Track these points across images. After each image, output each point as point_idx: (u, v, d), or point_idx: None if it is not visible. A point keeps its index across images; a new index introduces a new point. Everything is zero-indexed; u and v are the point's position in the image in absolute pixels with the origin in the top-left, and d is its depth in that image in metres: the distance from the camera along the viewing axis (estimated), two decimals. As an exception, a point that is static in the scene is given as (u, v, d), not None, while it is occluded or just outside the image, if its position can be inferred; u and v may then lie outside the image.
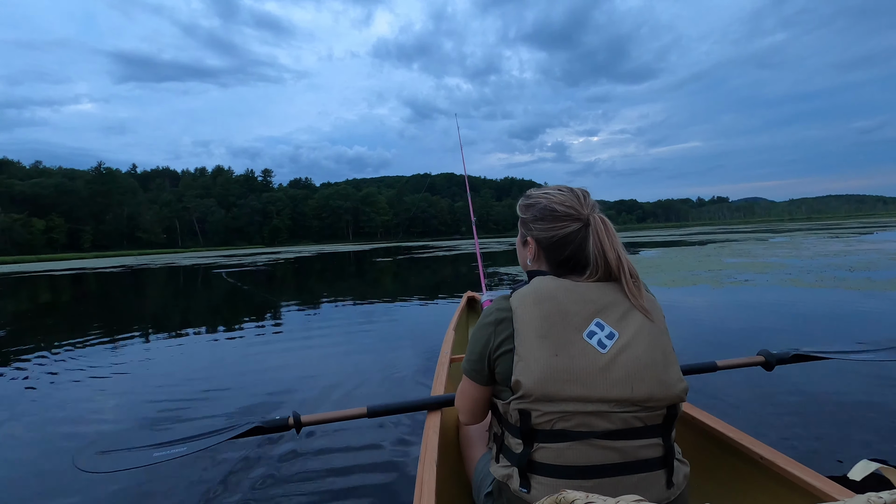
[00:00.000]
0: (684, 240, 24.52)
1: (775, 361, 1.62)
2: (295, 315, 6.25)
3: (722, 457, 1.27)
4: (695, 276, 7.84)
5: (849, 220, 71.02)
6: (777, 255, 11.21)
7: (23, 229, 75.76)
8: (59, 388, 3.26)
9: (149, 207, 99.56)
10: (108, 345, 4.67)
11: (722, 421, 1.30)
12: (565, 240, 0.98)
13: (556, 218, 0.99)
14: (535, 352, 0.86)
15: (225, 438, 1.36)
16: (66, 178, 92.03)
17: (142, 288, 12.40)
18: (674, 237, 30.28)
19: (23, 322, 6.71)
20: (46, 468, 2.05)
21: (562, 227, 0.98)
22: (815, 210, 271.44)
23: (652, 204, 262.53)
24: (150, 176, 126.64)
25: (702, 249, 15.30)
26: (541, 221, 1.01)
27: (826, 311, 4.58)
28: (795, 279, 6.84)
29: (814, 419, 2.19)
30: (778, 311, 4.70)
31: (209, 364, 3.85)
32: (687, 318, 4.59)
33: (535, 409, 0.85)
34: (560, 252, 0.99)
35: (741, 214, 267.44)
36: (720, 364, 1.60)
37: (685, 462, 0.92)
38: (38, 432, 2.50)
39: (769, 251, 12.87)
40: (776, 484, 1.10)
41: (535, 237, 1.02)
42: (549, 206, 1.00)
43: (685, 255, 12.80)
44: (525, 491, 0.87)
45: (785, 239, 19.52)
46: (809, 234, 23.78)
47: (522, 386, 0.85)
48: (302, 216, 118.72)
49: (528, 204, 1.06)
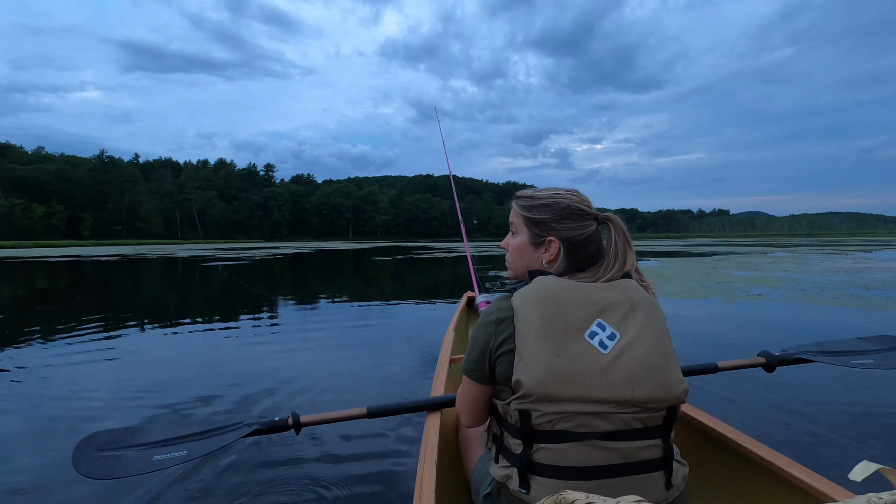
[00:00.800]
0: (687, 251, 24.41)
1: (776, 363, 1.61)
2: (293, 312, 6.12)
3: (722, 458, 1.26)
4: (704, 288, 7.62)
5: (850, 237, 71.30)
6: (785, 270, 11.03)
7: (22, 214, 75.53)
8: (51, 379, 3.19)
9: (150, 197, 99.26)
10: (104, 333, 4.54)
11: (722, 422, 1.30)
12: (589, 239, 1.00)
13: (582, 216, 1.00)
14: (537, 352, 0.85)
15: (224, 443, 1.33)
16: (67, 165, 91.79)
17: (137, 278, 12.16)
18: (675, 247, 30.22)
19: (15, 310, 6.50)
20: (43, 461, 2.02)
21: (588, 226, 1.00)
22: (815, 226, 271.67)
23: (653, 214, 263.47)
24: (152, 166, 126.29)
25: (706, 261, 15.13)
26: (568, 220, 1.00)
27: (861, 331, 4.34)
28: (811, 295, 6.62)
29: (814, 420, 2.17)
30: (806, 330, 4.45)
31: (206, 358, 3.78)
32: (704, 331, 4.38)
33: (535, 409, 0.85)
34: (585, 251, 1.00)
35: (741, 228, 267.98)
36: (721, 365, 1.60)
37: (684, 463, 0.92)
38: (33, 422, 2.47)
39: (776, 266, 12.70)
40: (776, 485, 1.09)
41: (562, 237, 1.01)
42: (573, 206, 1.01)
43: (690, 267, 12.62)
44: (524, 492, 0.86)
45: (787, 254, 19.40)
46: (812, 250, 23.66)
47: (523, 386, 0.84)
48: (303, 212, 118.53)
49: (542, 204, 1.04)
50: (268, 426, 1.37)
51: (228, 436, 1.34)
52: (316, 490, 1.74)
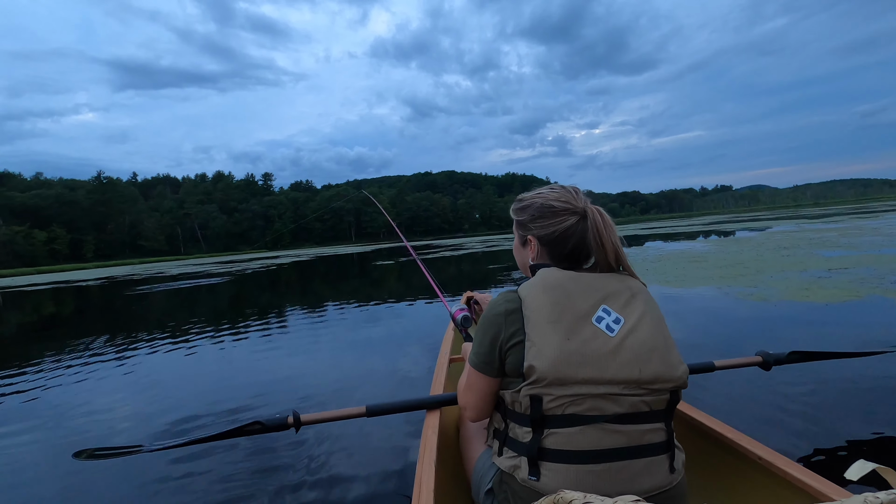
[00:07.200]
0: (713, 229, 22.80)
1: (773, 361, 1.62)
2: (293, 318, 5.97)
3: (720, 457, 1.27)
4: (826, 279, 5.56)
5: (858, 203, 68.38)
6: (875, 244, 9.21)
7: (24, 241, 75.32)
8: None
9: (150, 215, 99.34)
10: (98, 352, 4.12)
11: (720, 421, 1.29)
12: (566, 234, 1.01)
13: (554, 213, 1.02)
14: (548, 337, 0.88)
15: (224, 434, 1.40)
16: (66, 189, 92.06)
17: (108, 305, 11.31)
18: (695, 227, 28.70)
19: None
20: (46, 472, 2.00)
21: (561, 222, 1.01)
22: (820, 196, 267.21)
23: (655, 195, 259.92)
24: (150, 184, 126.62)
25: (761, 240, 13.13)
26: (539, 220, 1.04)
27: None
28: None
29: (811, 419, 2.16)
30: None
31: (206, 368, 3.77)
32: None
33: (547, 393, 0.86)
34: (562, 247, 1.02)
35: (745, 203, 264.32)
36: (718, 364, 1.60)
37: (681, 448, 0.95)
38: (47, 441, 2.44)
39: (854, 239, 10.55)
40: (774, 484, 1.09)
41: (535, 235, 1.05)
42: (545, 204, 1.04)
43: (747, 248, 10.63)
44: (534, 479, 0.87)
45: (830, 224, 17.43)
46: (845, 217, 22.06)
47: (536, 370, 0.86)
48: (304, 219, 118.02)
49: (523, 206, 1.09)
50: (268, 424, 1.40)
51: (229, 434, 1.41)
52: (315, 488, 1.70)
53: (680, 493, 0.91)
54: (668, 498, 0.88)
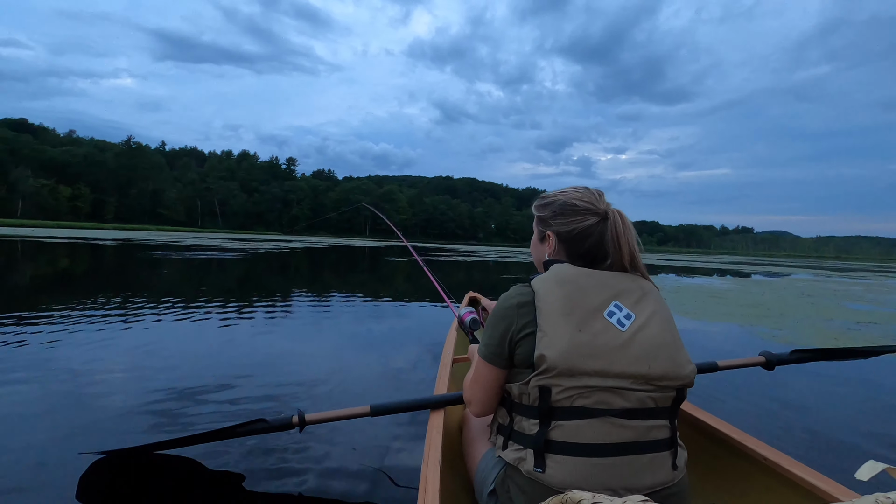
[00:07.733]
0: (731, 269, 22.44)
1: (776, 361, 1.63)
2: (299, 303, 5.93)
3: (724, 457, 1.25)
4: (855, 331, 5.33)
5: (881, 263, 66.80)
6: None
7: (49, 195, 77.04)
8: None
9: (173, 185, 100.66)
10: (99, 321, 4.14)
11: (724, 421, 1.28)
12: (585, 233, 1.02)
13: (575, 212, 1.03)
14: (560, 327, 0.89)
15: (229, 432, 1.39)
16: (95, 149, 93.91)
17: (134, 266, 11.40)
18: (713, 264, 28.22)
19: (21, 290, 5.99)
20: (45, 459, 1.80)
21: (581, 221, 1.02)
22: (843, 249, 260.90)
23: (674, 228, 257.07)
24: (177, 154, 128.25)
25: (783, 284, 12.88)
26: (561, 216, 1.05)
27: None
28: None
29: (817, 419, 2.09)
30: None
31: (208, 344, 3.70)
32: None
33: (556, 384, 0.87)
34: (580, 245, 1.04)
35: (766, 246, 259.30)
36: (721, 364, 1.59)
37: (684, 447, 0.95)
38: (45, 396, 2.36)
39: (881, 296, 10.03)
40: (780, 485, 1.08)
41: (555, 231, 1.07)
42: (568, 202, 1.05)
43: (769, 290, 10.26)
44: (540, 471, 0.87)
45: (853, 280, 16.93)
46: (869, 274, 21.62)
47: (546, 360, 0.87)
48: (322, 207, 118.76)
49: (546, 203, 1.11)
50: (273, 424, 1.42)
51: (234, 433, 1.40)
52: (318, 488, 1.67)
53: (681, 491, 0.91)
54: (670, 495, 0.88)
